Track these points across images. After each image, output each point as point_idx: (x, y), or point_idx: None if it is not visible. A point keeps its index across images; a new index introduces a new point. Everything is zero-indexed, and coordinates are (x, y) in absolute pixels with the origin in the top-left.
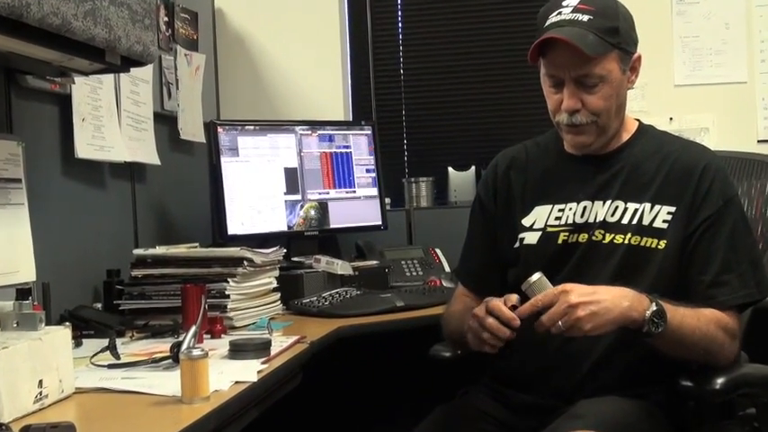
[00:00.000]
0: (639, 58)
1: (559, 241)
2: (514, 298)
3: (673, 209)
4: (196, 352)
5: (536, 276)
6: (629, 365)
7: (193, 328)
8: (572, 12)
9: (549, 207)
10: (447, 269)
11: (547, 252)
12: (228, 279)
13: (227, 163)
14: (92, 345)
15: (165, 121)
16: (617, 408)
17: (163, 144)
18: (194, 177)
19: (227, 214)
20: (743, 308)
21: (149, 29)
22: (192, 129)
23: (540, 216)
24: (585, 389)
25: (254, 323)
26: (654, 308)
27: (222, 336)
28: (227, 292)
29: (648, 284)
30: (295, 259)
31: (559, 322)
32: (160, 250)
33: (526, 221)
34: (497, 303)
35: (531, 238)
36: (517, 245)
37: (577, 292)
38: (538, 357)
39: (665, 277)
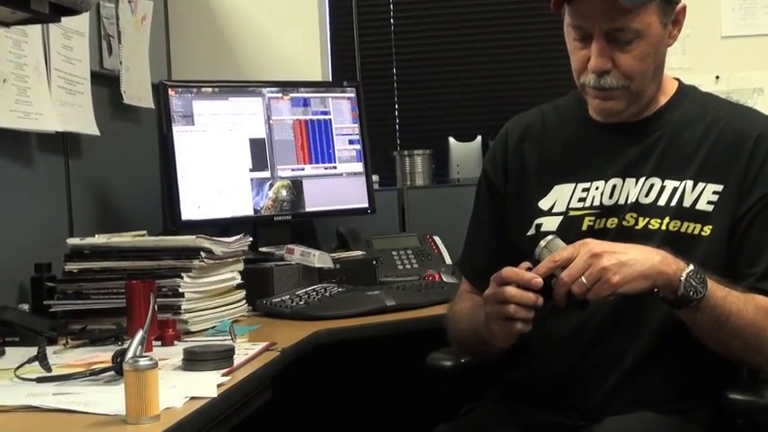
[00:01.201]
0: (684, 9)
1: (584, 227)
2: (526, 264)
3: (719, 187)
4: (143, 362)
5: (550, 237)
6: (668, 375)
7: (140, 334)
8: None
9: (570, 186)
10: (448, 261)
11: (568, 240)
12: (183, 274)
13: (180, 133)
14: (17, 354)
15: (105, 83)
16: (652, 426)
17: (102, 110)
18: (141, 151)
19: (181, 195)
20: None
21: None
22: (137, 91)
23: (560, 197)
24: (615, 403)
25: (213, 327)
26: (691, 268)
27: (175, 342)
28: (180, 290)
29: None
30: (263, 250)
31: (582, 278)
32: (100, 239)
33: (544, 204)
34: (510, 269)
35: (549, 223)
36: (532, 232)
37: (600, 243)
38: (558, 365)
39: (710, 270)
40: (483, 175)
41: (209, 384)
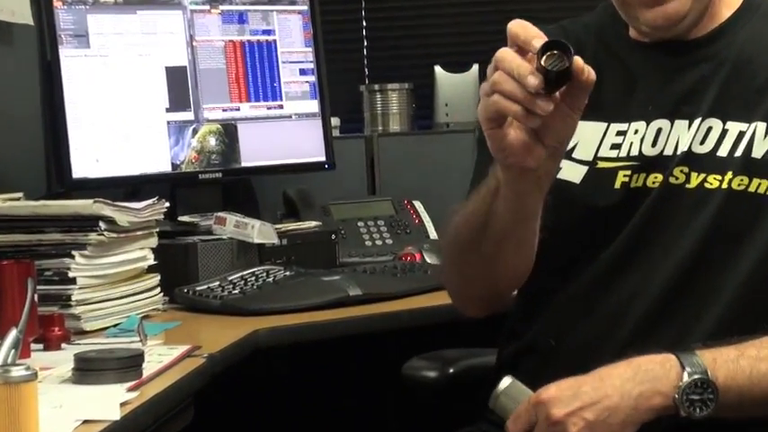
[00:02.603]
0: None
1: (617, 185)
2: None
3: None
4: (17, 372)
5: (505, 383)
6: None
7: (13, 334)
8: None
9: (601, 127)
10: (432, 235)
11: (595, 201)
12: (73, 252)
13: (70, 59)
14: None
15: None
16: None
17: None
18: (16, 84)
19: (72, 145)
20: None
21: None
22: (10, 3)
23: (586, 140)
24: (650, 428)
25: (115, 325)
26: (686, 379)
27: (63, 346)
28: (71, 275)
29: (763, 257)
30: (184, 219)
31: None
32: None
33: None
34: (506, 50)
35: (570, 171)
36: None
37: (558, 399)
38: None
39: None
40: None
41: (109, 403)
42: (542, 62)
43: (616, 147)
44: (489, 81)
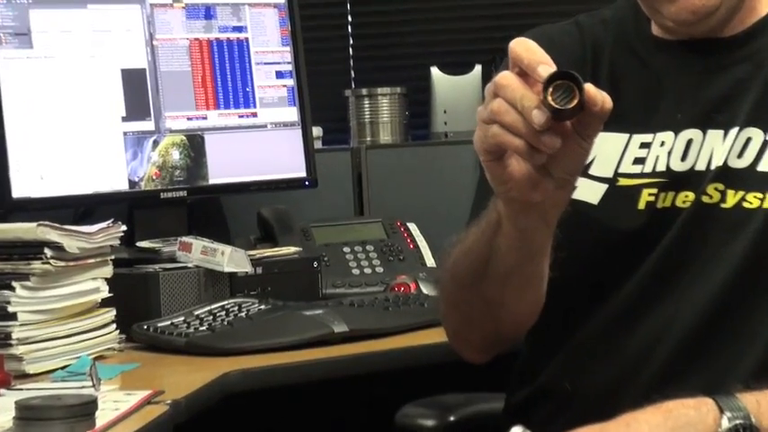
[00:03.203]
0: None
1: (640, 205)
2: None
3: None
4: None
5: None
6: None
7: None
8: None
9: (622, 139)
10: (430, 262)
11: (616, 224)
12: (14, 283)
13: (9, 61)
14: None
15: None
16: None
17: None
18: None
19: (11, 160)
20: None
21: None
22: None
23: (605, 154)
24: None
25: (63, 367)
26: (726, 425)
27: (3, 391)
28: (10, 309)
29: None
30: (143, 245)
31: None
32: None
33: None
34: (507, 74)
35: (587, 191)
36: None
37: None
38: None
39: None
40: None
41: None
42: (549, 98)
43: (639, 161)
44: (488, 108)
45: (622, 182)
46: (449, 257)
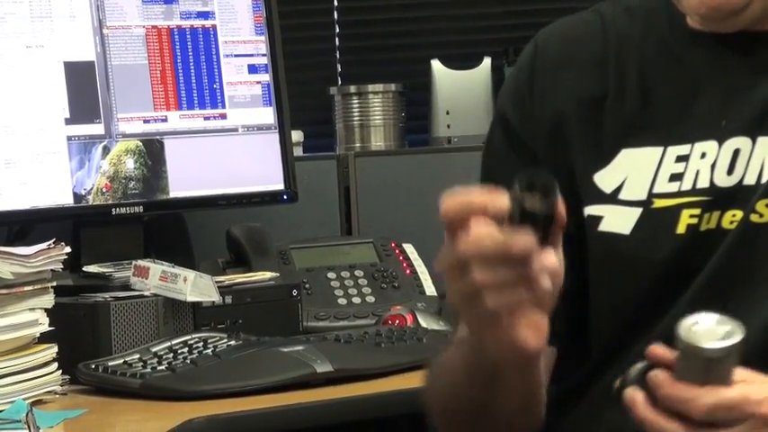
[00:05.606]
0: None
1: (680, 228)
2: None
3: None
4: None
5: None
6: None
7: None
8: None
9: (655, 153)
10: (429, 290)
11: (652, 254)
12: None
13: None
14: None
15: None
16: None
17: None
18: None
19: None
20: None
21: None
22: None
23: (635, 171)
24: None
25: None
26: None
27: None
28: None
29: None
30: (91, 270)
31: None
32: None
33: (603, 180)
34: (475, 226)
35: (618, 219)
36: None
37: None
38: None
39: None
40: (498, 122)
41: None
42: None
43: (677, 177)
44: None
45: (658, 203)
46: (434, 372)
